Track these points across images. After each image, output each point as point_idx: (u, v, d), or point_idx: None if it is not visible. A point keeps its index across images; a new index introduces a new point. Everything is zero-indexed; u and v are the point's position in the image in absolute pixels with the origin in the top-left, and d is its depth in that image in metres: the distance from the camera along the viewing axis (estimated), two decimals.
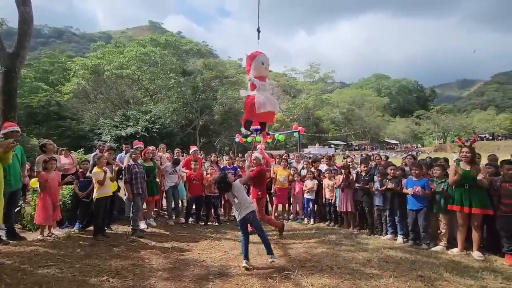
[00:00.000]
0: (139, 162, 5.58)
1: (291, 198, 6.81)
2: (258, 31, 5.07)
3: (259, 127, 5.09)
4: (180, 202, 6.75)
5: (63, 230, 4.98)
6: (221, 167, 7.20)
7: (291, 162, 7.68)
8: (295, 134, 11.96)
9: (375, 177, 5.56)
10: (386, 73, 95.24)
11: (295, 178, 6.72)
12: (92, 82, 31.89)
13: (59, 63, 36.54)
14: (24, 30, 6.31)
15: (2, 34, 6.78)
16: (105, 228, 5.03)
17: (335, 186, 6.16)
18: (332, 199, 6.22)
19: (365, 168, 5.68)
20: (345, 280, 3.47)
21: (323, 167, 6.98)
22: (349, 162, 6.72)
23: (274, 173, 6.79)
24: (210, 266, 3.91)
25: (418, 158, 6.71)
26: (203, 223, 6.35)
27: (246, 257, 3.81)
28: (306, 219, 6.60)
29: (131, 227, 5.21)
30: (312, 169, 6.88)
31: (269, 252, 3.85)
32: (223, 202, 7.20)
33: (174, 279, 3.43)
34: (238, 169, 7.06)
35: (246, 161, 5.90)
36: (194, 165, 6.32)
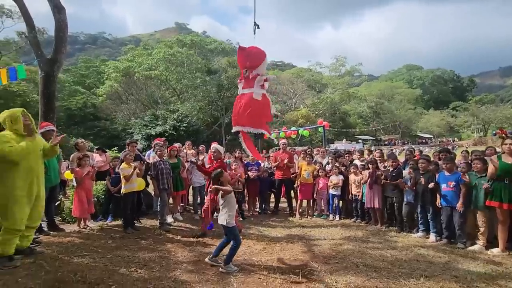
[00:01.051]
0: (164, 158, 5.76)
1: (315, 194, 6.67)
2: (255, 25, 5.03)
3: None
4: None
5: (97, 223, 5.27)
6: (245, 162, 7.24)
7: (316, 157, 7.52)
8: (319, 129, 11.69)
9: (404, 171, 5.29)
10: (418, 63, 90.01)
11: (320, 174, 6.58)
12: (124, 84, 33.38)
13: (94, 67, 38.78)
14: (60, 37, 6.74)
15: (43, 42, 7.31)
16: (135, 221, 5.25)
17: (362, 181, 5.95)
18: (359, 195, 6.02)
19: (393, 163, 5.41)
20: (371, 279, 3.33)
21: (356, 162, 6.71)
22: (378, 157, 6.44)
23: (298, 168, 6.70)
24: (233, 260, 3.93)
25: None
26: None
27: (213, 254, 3.67)
28: (331, 216, 6.45)
29: (158, 221, 5.39)
30: (337, 164, 6.69)
31: (227, 261, 3.50)
32: (247, 198, 7.24)
33: (198, 272, 3.50)
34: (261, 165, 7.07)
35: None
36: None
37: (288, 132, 13.59)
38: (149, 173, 5.61)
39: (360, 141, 45.22)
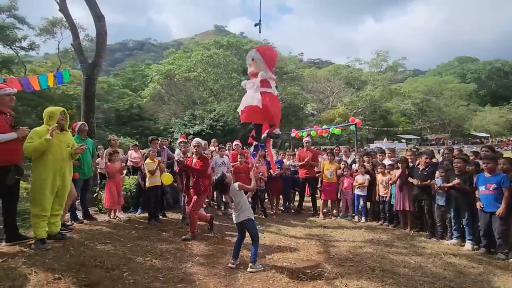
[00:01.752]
0: (188, 155, 5.96)
1: (339, 194, 6.40)
2: (259, 23, 4.91)
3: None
4: None
5: (127, 214, 5.64)
6: (267, 160, 7.19)
7: (341, 156, 7.20)
8: (351, 127, 11.17)
9: (437, 172, 4.83)
10: (472, 55, 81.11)
11: (344, 173, 6.29)
12: (165, 86, 35.19)
13: (140, 71, 41.60)
14: (100, 43, 7.32)
15: (88, 48, 8.06)
16: (159, 214, 5.52)
17: (390, 182, 5.56)
18: (386, 197, 5.63)
19: (425, 161, 4.96)
20: (386, 285, 3.11)
21: (386, 161, 6.31)
22: (409, 156, 5.96)
23: (321, 167, 6.48)
24: (245, 256, 3.93)
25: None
26: None
27: (235, 256, 3.58)
28: (356, 217, 6.13)
29: (181, 215, 5.60)
30: (366, 164, 6.33)
31: (254, 258, 3.46)
32: (269, 196, 7.20)
33: (208, 265, 3.57)
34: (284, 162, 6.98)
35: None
36: (240, 158, 6.44)
37: (319, 130, 13.20)
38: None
39: (403, 140, 42.36)
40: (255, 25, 5.16)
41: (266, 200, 7.33)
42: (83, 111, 6.86)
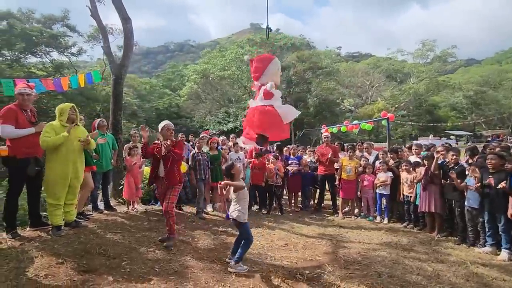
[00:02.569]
0: (204, 150, 6.03)
1: (360, 192, 5.99)
2: (268, 29, 4.68)
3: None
4: None
5: (146, 206, 5.88)
6: (285, 156, 7.02)
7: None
8: (383, 122, 10.41)
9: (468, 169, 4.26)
10: None
11: (366, 170, 5.86)
12: (202, 84, 36.30)
13: (178, 71, 43.50)
14: (127, 44, 7.73)
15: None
16: (176, 206, 5.66)
17: (415, 180, 5.05)
18: (411, 196, 5.13)
19: (454, 157, 4.40)
20: None
21: (413, 158, 5.77)
22: (441, 152, 5.35)
23: (340, 163, 6.12)
24: (247, 252, 3.85)
25: None
26: (266, 212, 6.33)
27: (233, 252, 3.41)
28: (378, 218, 5.68)
29: (196, 209, 5.69)
30: (391, 161, 5.84)
31: (238, 259, 3.25)
32: (287, 194, 7.00)
33: (207, 259, 3.55)
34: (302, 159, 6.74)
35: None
36: (255, 156, 6.36)
37: (349, 126, 12.54)
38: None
39: (452, 137, 38.59)
40: (267, 29, 5.03)
41: (285, 197, 7.16)
42: (112, 109, 7.29)
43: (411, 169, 5.19)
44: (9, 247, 3.18)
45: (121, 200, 6.38)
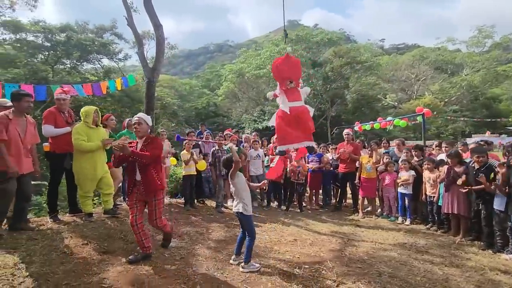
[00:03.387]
0: (224, 147, 6.30)
1: (381, 191, 5.76)
2: (285, 34, 4.72)
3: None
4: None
5: (171, 199, 6.34)
6: (306, 154, 6.98)
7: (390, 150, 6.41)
8: (418, 118, 9.73)
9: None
10: None
11: (388, 168, 5.62)
12: (238, 84, 37.08)
13: (216, 71, 44.97)
14: (159, 49, 8.33)
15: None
16: (198, 201, 6.04)
17: (438, 180, 4.74)
18: (434, 197, 4.82)
19: (479, 158, 4.04)
20: None
21: (442, 156, 5.40)
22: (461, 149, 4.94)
23: (360, 161, 5.95)
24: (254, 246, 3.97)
25: None
26: (285, 209, 6.40)
27: (236, 253, 3.41)
28: (400, 218, 5.43)
29: (216, 203, 6.00)
30: (416, 158, 5.53)
31: (246, 260, 3.20)
32: (308, 191, 6.97)
33: (215, 249, 3.78)
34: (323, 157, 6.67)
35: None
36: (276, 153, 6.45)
37: (382, 123, 11.90)
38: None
39: None
40: (285, 33, 5.16)
41: (307, 195, 7.15)
42: (145, 109, 7.93)
43: (434, 167, 4.86)
44: (48, 228, 3.74)
45: None
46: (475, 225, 4.30)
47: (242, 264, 3.23)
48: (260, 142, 7.60)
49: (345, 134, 6.39)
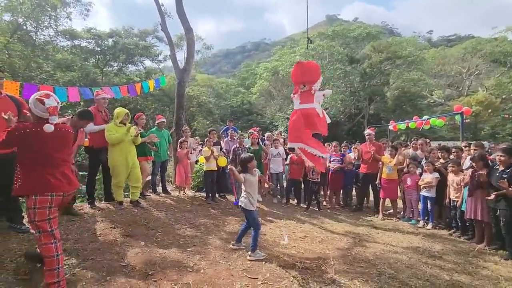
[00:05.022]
0: (247, 146, 6.59)
1: (403, 193, 5.57)
2: (309, 40, 4.79)
3: None
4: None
5: (194, 192, 6.79)
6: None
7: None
8: (456, 117, 9.04)
9: None
10: None
11: (410, 169, 5.43)
12: (272, 82, 37.21)
13: (252, 70, 45.55)
14: (189, 51, 8.87)
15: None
16: (218, 195, 6.40)
17: (462, 183, 4.50)
18: (457, 201, 4.58)
19: (502, 158, 3.78)
20: None
21: (467, 162, 5.10)
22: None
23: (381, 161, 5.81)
24: (261, 241, 4.10)
25: None
26: (306, 208, 6.46)
27: (237, 240, 3.69)
28: (421, 222, 5.22)
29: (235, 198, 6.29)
30: (442, 160, 5.27)
31: (253, 247, 3.43)
32: (328, 191, 6.97)
33: (226, 240, 4.04)
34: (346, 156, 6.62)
35: None
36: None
37: (418, 122, 11.21)
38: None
39: None
40: (308, 40, 5.32)
41: (328, 194, 7.16)
42: (175, 108, 8.50)
43: (459, 170, 4.61)
44: (85, 212, 4.33)
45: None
46: (499, 232, 4.02)
47: (249, 252, 3.47)
48: (283, 140, 7.77)
49: (367, 134, 6.29)
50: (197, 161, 7.42)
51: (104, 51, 21.06)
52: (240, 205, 3.70)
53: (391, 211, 6.05)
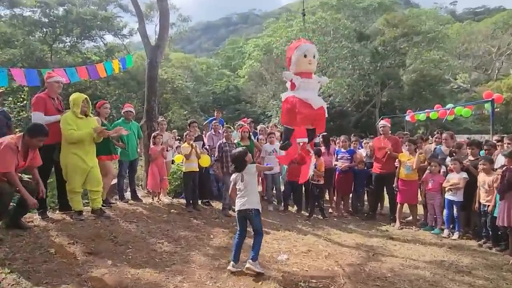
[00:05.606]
0: (235, 141, 6.57)
1: (425, 197, 5.71)
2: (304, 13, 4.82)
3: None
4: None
5: (171, 199, 6.76)
6: (335, 149, 7.07)
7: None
8: (486, 105, 9.29)
9: None
10: None
11: (432, 169, 5.55)
12: (265, 62, 37.16)
13: (239, 47, 45.38)
14: (163, 24, 8.74)
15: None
16: (200, 201, 6.42)
17: (495, 185, 4.64)
18: (489, 206, 4.73)
19: None
20: None
21: (499, 159, 5.22)
22: None
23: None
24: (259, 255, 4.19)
25: None
26: (308, 215, 6.52)
27: (235, 258, 3.66)
28: (446, 231, 5.37)
29: (222, 205, 6.30)
30: (471, 157, 5.40)
31: (254, 257, 3.55)
32: (335, 196, 7.07)
33: (211, 257, 4.07)
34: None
35: None
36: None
37: (441, 111, 11.45)
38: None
39: None
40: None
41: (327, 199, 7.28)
42: (146, 95, 8.39)
43: (492, 169, 4.75)
44: (35, 225, 4.24)
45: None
46: None
47: (249, 260, 3.55)
48: (280, 134, 7.80)
49: (381, 126, 6.37)
50: (173, 161, 7.40)
51: (53, 23, 20.51)
52: (252, 209, 3.72)
53: (410, 218, 6.19)
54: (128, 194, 6.41)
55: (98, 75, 7.25)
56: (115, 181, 6.20)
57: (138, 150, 6.34)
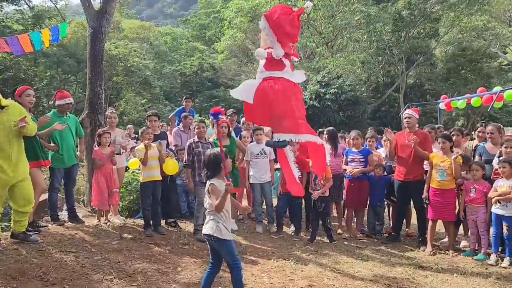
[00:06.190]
0: (211, 139, 6.58)
1: (464, 212, 5.83)
2: None
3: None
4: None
5: (124, 219, 6.72)
6: (345, 150, 7.16)
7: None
8: None
9: None
10: None
11: (474, 174, 5.67)
12: (251, 32, 37.22)
13: (215, 12, 45.40)
14: None
15: None
16: (164, 222, 6.42)
17: None
18: None
19: None
20: None
21: None
22: None
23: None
24: None
25: None
26: (309, 239, 6.55)
27: None
28: (493, 256, 5.49)
29: (193, 226, 6.29)
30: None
31: None
32: (346, 211, 7.17)
33: None
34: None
35: None
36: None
37: (486, 96, 11.65)
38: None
39: None
40: None
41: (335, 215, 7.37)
42: (88, 77, 8.35)
43: None
44: None
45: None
46: None
47: None
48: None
49: (406, 117, 6.44)
50: (127, 168, 7.36)
51: None
52: (207, 234, 3.70)
53: (446, 240, 6.30)
54: (64, 214, 6.35)
55: (21, 50, 7.14)
56: (45, 196, 6.13)
57: (78, 153, 6.29)
